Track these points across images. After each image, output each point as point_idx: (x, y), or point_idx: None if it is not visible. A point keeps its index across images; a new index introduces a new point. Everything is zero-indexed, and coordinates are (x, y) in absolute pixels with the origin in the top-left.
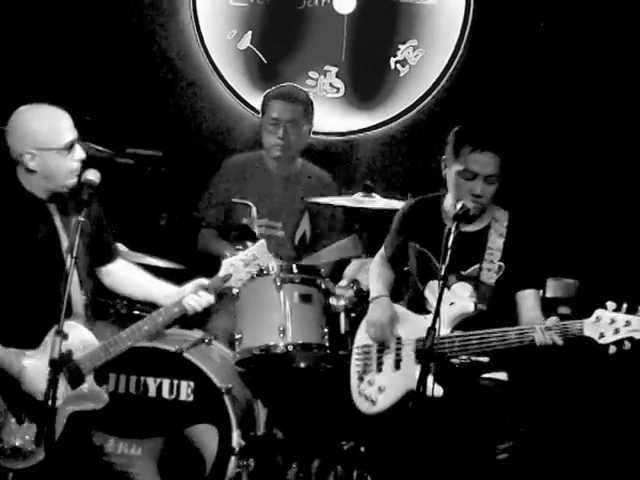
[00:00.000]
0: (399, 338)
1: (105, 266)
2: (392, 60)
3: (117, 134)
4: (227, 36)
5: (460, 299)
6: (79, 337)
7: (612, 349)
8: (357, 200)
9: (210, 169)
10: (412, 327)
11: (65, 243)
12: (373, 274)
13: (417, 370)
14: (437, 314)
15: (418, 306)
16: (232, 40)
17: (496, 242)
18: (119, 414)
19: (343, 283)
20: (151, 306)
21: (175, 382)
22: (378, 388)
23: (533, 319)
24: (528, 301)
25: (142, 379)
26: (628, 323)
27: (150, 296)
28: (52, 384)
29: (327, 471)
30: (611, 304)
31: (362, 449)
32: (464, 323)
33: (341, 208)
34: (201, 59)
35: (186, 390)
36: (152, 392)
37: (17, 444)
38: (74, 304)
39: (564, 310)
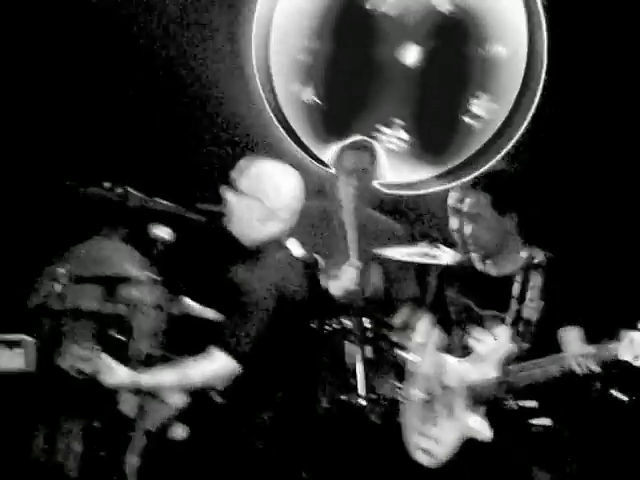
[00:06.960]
0: (448, 387)
1: None
2: (462, 114)
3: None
4: (291, 88)
5: (503, 342)
6: None
7: None
8: (425, 253)
9: None
10: (456, 373)
11: None
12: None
13: (469, 417)
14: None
15: (459, 353)
16: (296, 92)
17: (534, 279)
18: None
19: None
20: None
21: None
22: (435, 440)
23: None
24: (570, 338)
25: None
26: None
27: None
28: None
29: None
30: None
31: None
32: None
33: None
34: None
35: None
36: None
37: None
38: None
39: None
